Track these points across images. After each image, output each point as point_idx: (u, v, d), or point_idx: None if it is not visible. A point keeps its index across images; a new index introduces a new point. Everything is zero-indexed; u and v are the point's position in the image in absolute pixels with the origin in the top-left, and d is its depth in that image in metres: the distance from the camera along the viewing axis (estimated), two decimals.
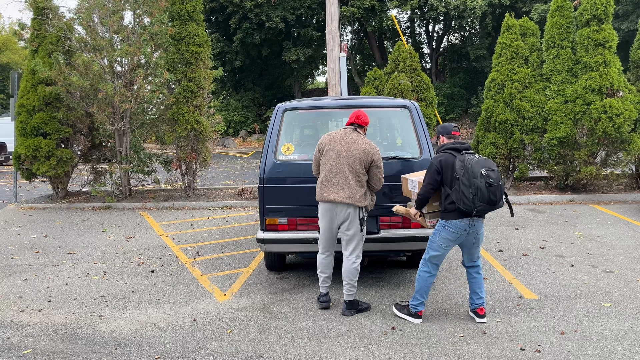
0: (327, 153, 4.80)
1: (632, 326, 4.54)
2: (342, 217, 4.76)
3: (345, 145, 4.74)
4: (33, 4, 10.41)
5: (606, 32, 9.72)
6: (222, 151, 23.43)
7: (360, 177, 4.74)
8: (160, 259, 6.91)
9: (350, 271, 4.82)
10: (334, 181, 4.74)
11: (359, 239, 4.84)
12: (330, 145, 4.79)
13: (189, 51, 10.52)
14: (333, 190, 4.73)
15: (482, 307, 4.73)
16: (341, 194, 4.70)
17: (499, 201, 4.49)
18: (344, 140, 4.77)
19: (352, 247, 4.84)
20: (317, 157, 4.92)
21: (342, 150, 4.74)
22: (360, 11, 24.00)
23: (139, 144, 10.87)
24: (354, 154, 4.71)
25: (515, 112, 10.22)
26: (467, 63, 28.47)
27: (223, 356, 4.20)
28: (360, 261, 4.96)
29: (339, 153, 4.73)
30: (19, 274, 6.39)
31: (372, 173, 4.80)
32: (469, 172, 4.43)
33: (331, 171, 4.75)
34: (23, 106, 10.39)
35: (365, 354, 4.16)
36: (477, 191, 4.38)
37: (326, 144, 4.82)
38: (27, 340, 4.56)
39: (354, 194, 4.70)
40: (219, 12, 25.91)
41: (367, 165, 4.75)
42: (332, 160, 4.75)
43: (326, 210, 4.81)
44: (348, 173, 4.70)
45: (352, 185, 4.71)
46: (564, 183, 10.40)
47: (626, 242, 7.14)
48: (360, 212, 4.76)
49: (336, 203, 4.73)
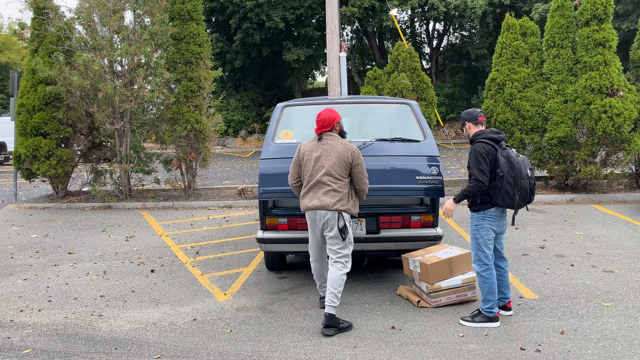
0: (306, 164, 4.72)
1: (632, 326, 4.53)
2: (322, 223, 4.67)
3: (321, 152, 4.66)
4: (33, 4, 10.41)
5: (606, 31, 9.71)
6: (222, 151, 23.43)
7: (340, 182, 4.64)
8: (160, 259, 6.91)
9: (335, 279, 4.59)
10: (313, 189, 4.67)
11: (342, 246, 4.68)
12: (308, 155, 4.71)
13: (189, 51, 10.52)
14: (312, 197, 4.67)
15: (510, 301, 4.82)
16: (318, 201, 4.62)
17: (532, 200, 4.55)
18: (320, 147, 4.68)
19: (336, 254, 4.69)
20: (295, 166, 4.82)
21: (320, 157, 4.65)
22: (360, 11, 24.00)
23: (139, 143, 10.87)
24: (332, 159, 4.61)
25: (516, 112, 10.21)
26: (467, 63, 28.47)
27: (223, 356, 4.20)
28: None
29: (316, 161, 4.65)
30: (19, 273, 6.40)
31: (354, 173, 4.69)
32: (516, 171, 4.35)
33: (310, 180, 4.68)
34: (23, 106, 10.40)
35: (365, 354, 4.16)
36: (522, 192, 4.36)
37: (304, 155, 4.75)
38: (27, 340, 4.57)
39: (331, 200, 4.60)
40: (219, 12, 25.90)
41: (349, 166, 4.65)
42: (310, 170, 4.67)
43: (310, 219, 4.76)
44: (326, 180, 4.62)
45: (330, 192, 4.61)
46: (564, 183, 10.40)
47: (626, 242, 7.14)
48: (340, 218, 4.61)
49: (315, 210, 4.65)
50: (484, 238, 4.55)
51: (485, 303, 4.59)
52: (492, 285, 4.56)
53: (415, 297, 5.15)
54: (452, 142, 18.15)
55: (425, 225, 5.51)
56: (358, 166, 4.67)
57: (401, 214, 5.51)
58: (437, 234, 5.48)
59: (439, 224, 5.66)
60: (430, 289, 5.02)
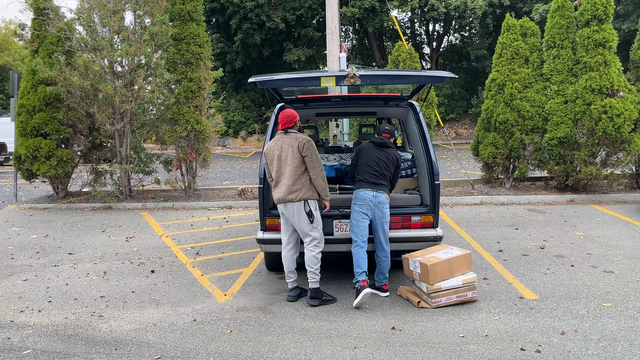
0: (271, 162, 5.23)
1: (632, 326, 4.53)
2: (290, 212, 5.14)
3: (280, 148, 5.17)
4: (33, 4, 10.41)
5: (606, 32, 9.71)
6: (222, 151, 23.43)
7: (300, 172, 5.11)
8: (160, 259, 6.91)
9: (310, 259, 5.19)
10: (279, 183, 5.17)
11: (311, 229, 5.16)
12: (271, 153, 5.22)
13: (189, 51, 10.53)
14: (279, 190, 5.16)
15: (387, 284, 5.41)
16: (284, 192, 5.10)
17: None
18: (279, 144, 5.19)
19: (307, 238, 5.19)
20: (265, 166, 5.35)
21: (281, 153, 5.15)
22: (360, 11, 24.01)
23: (139, 144, 10.87)
24: (288, 152, 5.13)
25: (516, 112, 10.21)
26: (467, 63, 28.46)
27: (223, 356, 4.20)
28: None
29: (279, 157, 5.16)
30: (19, 274, 6.40)
31: (306, 162, 5.12)
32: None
33: (277, 175, 5.19)
34: (23, 106, 10.40)
35: (365, 354, 4.16)
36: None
37: (267, 154, 5.25)
38: (27, 340, 4.57)
39: (295, 190, 5.08)
40: (220, 13, 25.91)
41: (301, 155, 5.10)
42: (275, 165, 5.19)
43: (281, 210, 5.22)
44: (288, 172, 5.11)
45: (294, 183, 5.09)
46: (564, 183, 10.40)
47: (626, 242, 7.13)
48: (305, 205, 5.10)
49: (285, 203, 5.13)
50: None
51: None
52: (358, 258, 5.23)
53: (416, 297, 5.16)
54: (452, 143, 18.14)
55: (426, 226, 5.51)
56: (307, 157, 5.11)
57: (401, 214, 5.52)
58: (437, 235, 5.48)
59: (439, 224, 5.66)
60: (430, 290, 5.02)
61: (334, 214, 5.50)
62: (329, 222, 5.49)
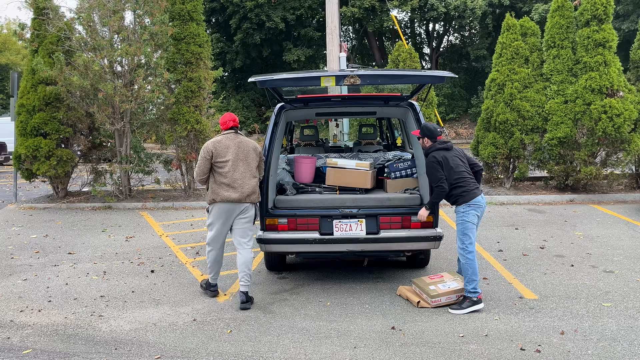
0: (222, 159, 5.11)
1: (632, 326, 4.54)
2: (240, 210, 5.18)
3: (238, 148, 5.16)
4: (33, 4, 10.40)
5: (606, 32, 9.71)
6: None
7: (255, 174, 5.23)
8: (160, 259, 6.91)
9: (249, 261, 5.22)
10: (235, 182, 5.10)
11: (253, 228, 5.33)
12: (223, 151, 5.13)
13: (189, 51, 10.52)
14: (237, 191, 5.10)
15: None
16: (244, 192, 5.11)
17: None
18: (235, 144, 5.17)
19: (247, 237, 5.28)
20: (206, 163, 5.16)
21: (238, 152, 5.14)
22: (360, 11, 24.01)
23: (139, 144, 10.87)
24: (248, 153, 5.18)
25: (516, 112, 10.21)
26: (467, 63, 28.48)
27: (223, 356, 4.20)
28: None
29: (236, 156, 5.13)
30: (19, 274, 6.40)
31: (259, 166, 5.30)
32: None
33: (231, 173, 5.10)
34: (23, 106, 10.39)
35: (365, 354, 4.16)
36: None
37: (219, 151, 5.12)
38: (27, 340, 4.57)
39: (255, 191, 5.21)
40: (220, 13, 25.92)
41: (258, 159, 5.25)
42: (230, 165, 5.10)
43: (226, 210, 5.16)
44: (246, 172, 5.14)
45: (256, 184, 5.21)
46: (564, 183, 10.40)
47: (626, 242, 7.14)
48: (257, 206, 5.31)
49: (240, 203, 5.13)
50: (470, 223, 5.01)
51: (469, 283, 4.93)
52: (476, 266, 4.96)
53: (415, 297, 5.16)
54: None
55: (425, 226, 5.50)
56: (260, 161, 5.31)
57: (401, 214, 5.51)
58: (437, 234, 5.48)
59: (439, 224, 5.65)
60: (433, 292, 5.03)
61: (334, 214, 5.50)
62: (329, 222, 5.48)
